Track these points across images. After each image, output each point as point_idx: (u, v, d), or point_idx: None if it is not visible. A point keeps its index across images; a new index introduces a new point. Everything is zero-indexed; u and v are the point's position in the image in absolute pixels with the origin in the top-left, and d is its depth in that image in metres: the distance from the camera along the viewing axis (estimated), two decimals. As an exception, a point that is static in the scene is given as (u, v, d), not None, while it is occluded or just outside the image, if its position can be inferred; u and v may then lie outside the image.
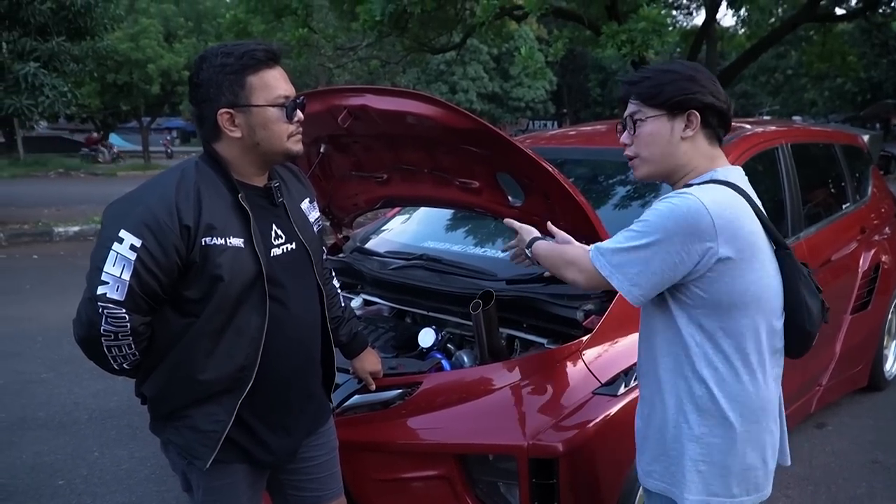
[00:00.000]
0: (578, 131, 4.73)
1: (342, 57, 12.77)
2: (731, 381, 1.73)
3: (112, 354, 1.74)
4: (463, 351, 2.82)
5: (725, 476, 1.76)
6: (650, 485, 1.86)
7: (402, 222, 4.01)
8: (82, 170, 25.48)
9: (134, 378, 1.90)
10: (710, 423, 1.74)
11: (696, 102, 1.73)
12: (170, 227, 1.66)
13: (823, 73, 17.80)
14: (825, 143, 4.58)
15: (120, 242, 1.65)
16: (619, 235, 1.76)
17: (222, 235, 1.73)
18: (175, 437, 1.88)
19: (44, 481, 3.65)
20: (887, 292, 4.52)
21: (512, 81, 36.74)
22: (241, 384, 1.82)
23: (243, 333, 1.80)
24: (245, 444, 1.89)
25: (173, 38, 27.15)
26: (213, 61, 1.75)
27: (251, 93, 1.76)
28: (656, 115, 1.75)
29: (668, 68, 1.78)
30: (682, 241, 1.64)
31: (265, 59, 1.78)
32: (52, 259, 9.66)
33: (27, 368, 5.26)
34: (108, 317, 1.67)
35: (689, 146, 1.77)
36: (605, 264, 1.74)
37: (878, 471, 3.70)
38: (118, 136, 42.71)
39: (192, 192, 1.72)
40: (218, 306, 1.75)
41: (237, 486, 1.93)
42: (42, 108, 10.96)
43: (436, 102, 2.47)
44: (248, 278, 1.77)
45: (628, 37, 6.74)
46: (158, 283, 1.69)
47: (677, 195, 1.69)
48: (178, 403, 1.83)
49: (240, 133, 1.78)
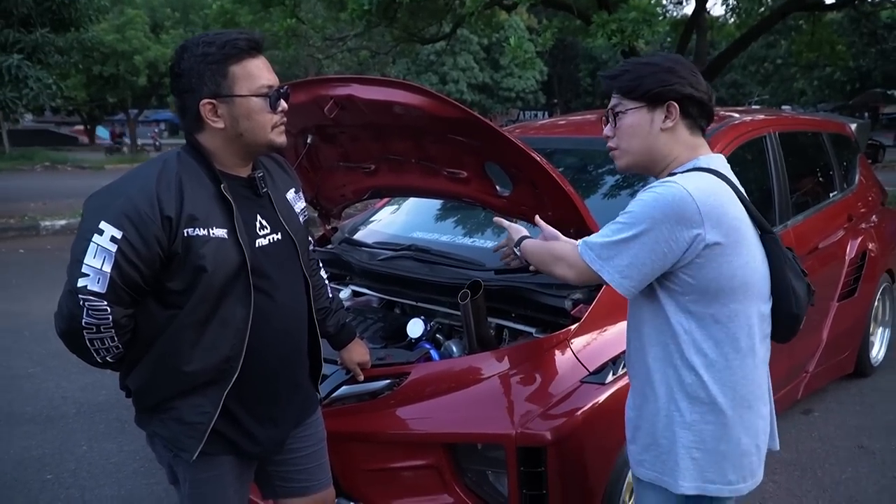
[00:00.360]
0: (567, 121, 4.73)
1: (331, 48, 12.72)
2: (722, 367, 1.74)
3: (95, 347, 1.73)
4: (451, 341, 2.82)
5: (720, 462, 1.76)
6: (641, 473, 1.86)
7: (391, 213, 4.00)
8: (69, 163, 25.29)
9: (118, 371, 1.88)
10: (702, 410, 1.75)
11: (674, 94, 1.74)
12: (151, 218, 1.65)
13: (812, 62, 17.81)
14: (813, 131, 4.59)
15: (100, 234, 1.63)
16: (606, 228, 1.76)
17: (205, 226, 1.71)
18: (161, 429, 1.86)
19: (31, 475, 3.63)
20: (874, 280, 4.55)
21: (502, 72, 36.73)
22: (226, 375, 1.81)
23: (228, 325, 1.78)
24: (231, 435, 1.89)
25: (160, 29, 26.99)
26: (195, 51, 1.73)
27: (234, 83, 1.74)
28: (636, 107, 1.77)
29: (648, 61, 1.79)
30: (670, 230, 1.65)
31: (248, 48, 1.76)
32: (39, 253, 9.60)
33: (14, 363, 5.23)
34: (90, 309, 1.65)
35: (669, 137, 1.78)
36: (595, 258, 1.75)
37: (864, 456, 3.73)
38: (105, 129, 42.48)
39: (174, 183, 1.70)
40: (202, 297, 1.73)
41: (224, 477, 1.92)
42: (26, 100, 10.89)
43: (423, 92, 2.46)
44: (232, 269, 1.75)
45: (618, 26, 6.73)
46: (140, 275, 1.67)
47: (661, 184, 1.70)
48: (163, 395, 1.82)
49: (223, 124, 1.76)
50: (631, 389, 1.94)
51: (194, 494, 1.92)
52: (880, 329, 4.94)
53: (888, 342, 5.00)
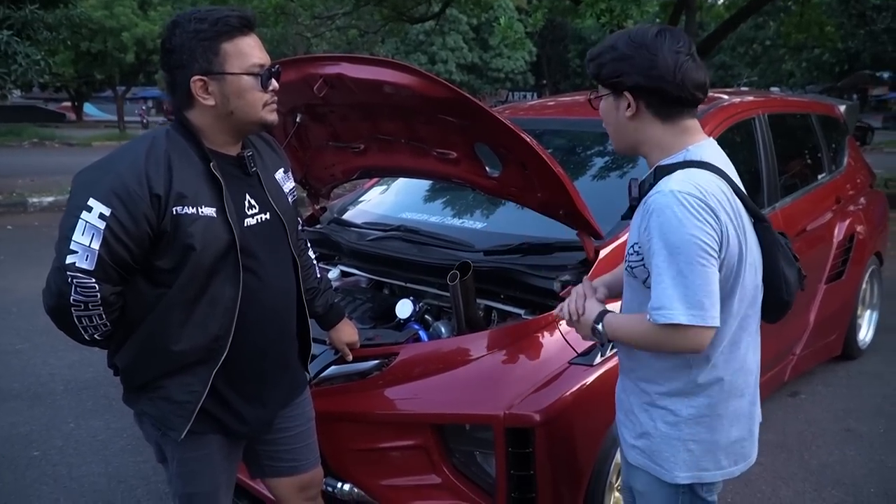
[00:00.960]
0: (557, 102, 4.71)
1: (320, 26, 12.62)
2: (716, 360, 1.72)
3: (83, 325, 1.73)
4: (440, 322, 2.82)
5: (714, 451, 1.76)
6: (633, 458, 1.85)
7: (380, 193, 3.99)
8: (56, 139, 25.05)
9: (106, 349, 1.88)
10: (697, 404, 1.73)
11: (624, 85, 1.69)
12: (140, 196, 1.64)
13: (801, 43, 17.78)
14: (802, 113, 4.60)
15: (89, 211, 1.63)
16: (654, 280, 1.61)
17: (193, 204, 1.71)
18: (149, 408, 1.86)
19: (19, 452, 3.63)
20: (861, 262, 4.58)
21: (491, 52, 36.48)
22: (215, 355, 1.81)
23: (217, 304, 1.78)
24: (219, 414, 1.89)
25: (148, 5, 26.64)
26: (187, 27, 1.71)
27: (225, 60, 1.73)
28: (604, 94, 1.76)
29: (613, 44, 1.71)
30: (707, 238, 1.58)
31: (240, 25, 1.74)
32: (27, 230, 9.53)
33: (1, 340, 5.21)
34: (78, 286, 1.65)
35: (637, 125, 1.72)
36: (669, 314, 1.58)
37: (851, 438, 3.77)
38: (93, 106, 42.06)
39: (163, 161, 1.69)
40: (190, 276, 1.73)
41: (212, 456, 1.93)
42: (15, 76, 10.77)
43: (413, 71, 2.44)
44: (221, 248, 1.75)
45: (608, 6, 6.71)
46: (129, 253, 1.67)
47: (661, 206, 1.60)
48: (151, 374, 1.82)
49: (213, 101, 1.75)
50: (622, 374, 1.92)
51: (182, 473, 1.93)
52: (868, 312, 4.98)
53: (876, 325, 5.05)
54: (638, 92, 1.68)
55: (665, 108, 1.70)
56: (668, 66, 1.64)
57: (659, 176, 1.69)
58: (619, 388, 1.95)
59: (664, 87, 1.66)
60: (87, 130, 29.91)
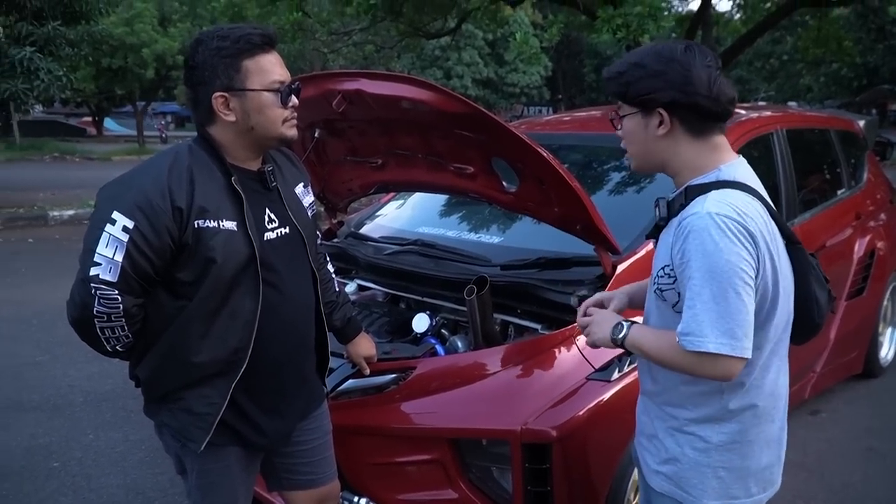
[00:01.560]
0: (573, 117, 4.72)
1: (337, 42, 12.73)
2: (748, 386, 1.67)
3: (105, 336, 1.75)
4: (457, 336, 2.82)
5: (745, 478, 1.72)
6: (656, 484, 1.80)
7: (397, 207, 4.00)
8: (77, 154, 25.38)
9: (128, 360, 1.90)
10: (728, 430, 1.69)
11: (658, 102, 1.62)
12: (162, 209, 1.67)
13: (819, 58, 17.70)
14: (821, 128, 4.57)
15: (112, 224, 1.66)
16: (685, 305, 1.56)
17: (215, 218, 1.73)
18: (169, 419, 1.88)
19: (38, 463, 3.65)
20: (882, 279, 4.52)
21: (507, 67, 36.64)
22: (234, 367, 1.83)
23: (237, 316, 1.80)
24: (238, 426, 1.90)
25: (168, 22, 27.03)
26: (210, 44, 1.75)
27: (246, 77, 1.76)
28: (631, 112, 1.68)
29: (639, 61, 1.65)
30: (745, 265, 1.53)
31: (261, 43, 1.78)
32: (47, 243, 9.63)
33: (22, 351, 5.26)
34: (101, 298, 1.67)
35: (669, 143, 1.67)
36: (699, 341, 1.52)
37: (873, 458, 3.71)
38: (113, 121, 42.57)
39: (185, 175, 1.72)
40: (211, 289, 1.75)
41: (231, 468, 1.94)
42: (37, 91, 10.93)
43: (430, 87, 2.45)
44: (242, 261, 1.78)
45: (624, 21, 6.72)
46: (151, 265, 1.70)
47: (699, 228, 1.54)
48: (171, 386, 1.84)
49: (234, 117, 1.78)
50: (644, 396, 1.87)
51: (202, 484, 1.94)
52: (889, 329, 4.91)
53: (897, 342, 4.97)
54: (672, 108, 1.62)
55: (699, 124, 1.65)
56: (703, 80, 1.60)
57: (691, 196, 1.64)
58: (639, 411, 1.90)
59: (700, 103, 1.61)
60: (108, 145, 30.33)
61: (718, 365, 1.53)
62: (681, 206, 1.65)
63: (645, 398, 1.87)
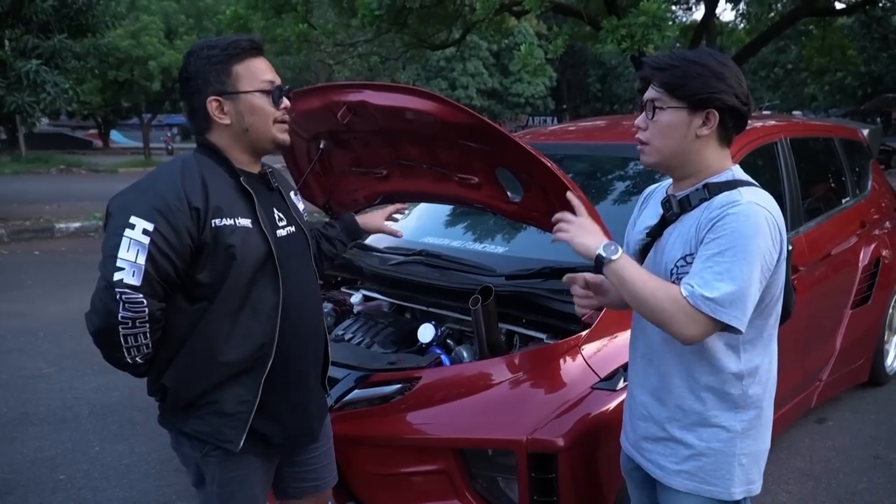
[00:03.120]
0: (577, 127, 4.73)
1: (342, 53, 12.80)
2: (763, 373, 1.78)
3: (128, 345, 1.75)
4: (462, 346, 2.82)
5: (759, 462, 1.81)
6: (679, 484, 1.81)
7: (402, 218, 4.01)
8: (83, 166, 25.50)
9: (141, 376, 1.89)
10: (748, 417, 1.77)
11: (718, 103, 1.67)
12: (180, 210, 1.72)
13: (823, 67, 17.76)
14: (825, 137, 4.57)
15: (132, 228, 1.69)
16: (709, 272, 1.60)
17: (231, 216, 1.79)
18: (199, 425, 1.88)
19: (45, 476, 3.66)
20: (888, 287, 4.51)
21: (511, 77, 36.70)
22: (261, 363, 1.87)
23: (259, 312, 1.84)
24: (264, 429, 1.92)
25: (174, 35, 27.17)
26: (200, 54, 1.83)
27: (237, 80, 1.84)
28: (677, 106, 1.69)
29: (698, 60, 1.68)
30: (769, 255, 1.63)
31: (249, 48, 1.86)
32: (54, 255, 9.67)
33: (28, 364, 5.27)
34: (126, 303, 1.69)
35: (701, 144, 1.72)
36: (717, 308, 1.58)
37: (880, 466, 3.70)
38: (119, 133, 42.78)
39: (197, 178, 1.78)
40: (232, 287, 1.79)
41: (251, 477, 1.96)
42: (44, 104, 10.99)
43: (434, 98, 2.47)
44: (259, 257, 1.83)
45: (628, 32, 6.74)
46: (173, 267, 1.73)
47: (746, 209, 1.62)
48: (202, 389, 1.85)
49: (229, 120, 1.85)
50: (649, 398, 1.88)
51: (223, 493, 1.95)
52: (895, 337, 4.91)
53: (903, 351, 4.95)
54: (725, 112, 1.69)
55: (732, 131, 1.74)
56: (746, 92, 1.70)
57: (713, 192, 1.71)
58: (637, 417, 1.92)
59: (744, 113, 1.71)
60: (114, 157, 30.48)
61: (703, 327, 1.60)
62: (700, 201, 1.72)
63: (646, 401, 1.89)
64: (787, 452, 3.73)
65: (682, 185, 1.80)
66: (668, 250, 1.77)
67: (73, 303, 6.72)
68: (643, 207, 2.03)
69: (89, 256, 9.41)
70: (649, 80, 1.74)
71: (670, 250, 1.76)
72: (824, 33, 12.43)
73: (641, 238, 1.90)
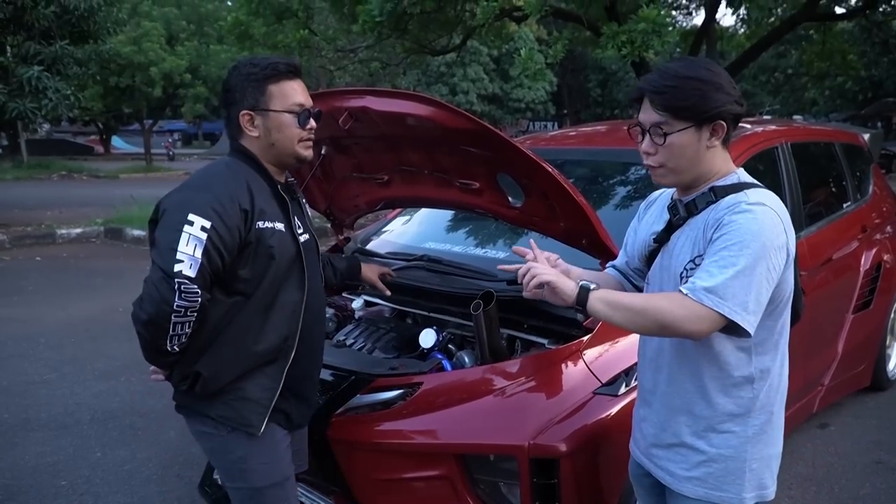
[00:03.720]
0: (578, 132, 4.73)
1: (342, 59, 12.79)
2: (774, 376, 1.78)
3: (175, 332, 1.87)
4: (464, 351, 2.82)
5: (770, 466, 1.81)
6: (689, 491, 1.81)
7: (403, 223, 4.02)
8: (84, 172, 25.54)
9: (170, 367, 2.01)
10: (759, 422, 1.77)
11: (727, 114, 1.69)
12: (233, 210, 1.90)
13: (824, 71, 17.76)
14: (825, 141, 4.58)
15: (191, 225, 1.85)
16: (713, 266, 1.61)
17: (271, 220, 1.99)
18: (224, 410, 2.03)
19: (46, 482, 3.66)
20: (889, 291, 4.51)
21: (512, 83, 36.74)
22: (285, 354, 2.06)
23: (286, 307, 2.04)
24: (284, 408, 2.12)
25: (175, 41, 27.21)
26: (242, 70, 2.03)
27: (270, 99, 2.02)
28: (685, 126, 1.69)
29: (692, 74, 1.68)
30: (776, 255, 1.63)
31: (286, 71, 2.04)
32: (55, 261, 9.68)
33: (30, 370, 5.28)
34: (183, 292, 1.83)
35: (713, 153, 1.73)
36: (719, 301, 1.58)
37: (882, 471, 3.69)
38: (120, 139, 42.83)
39: (243, 182, 1.97)
40: (269, 283, 1.99)
41: (277, 447, 2.13)
42: (45, 110, 11.05)
43: (435, 104, 2.48)
44: (291, 257, 2.03)
45: (628, 37, 6.73)
46: (222, 261, 1.90)
47: (755, 208, 1.64)
48: (233, 376, 2.00)
49: (257, 133, 2.04)
50: (657, 405, 1.89)
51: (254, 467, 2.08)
52: (897, 342, 4.90)
53: (904, 355, 4.95)
54: (730, 120, 1.71)
55: (732, 134, 1.76)
56: (739, 92, 1.73)
57: (720, 195, 1.72)
58: (647, 423, 1.93)
59: (742, 114, 1.74)
60: (115, 163, 30.52)
61: (707, 323, 1.59)
62: (706, 205, 1.73)
63: (656, 408, 1.89)
64: (790, 458, 3.72)
65: (689, 191, 1.80)
66: (677, 254, 1.77)
67: (74, 309, 6.76)
68: (643, 216, 2.04)
69: (90, 262, 9.43)
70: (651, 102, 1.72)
71: (679, 254, 1.77)
72: (824, 38, 12.44)
73: (649, 244, 1.90)
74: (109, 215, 12.28)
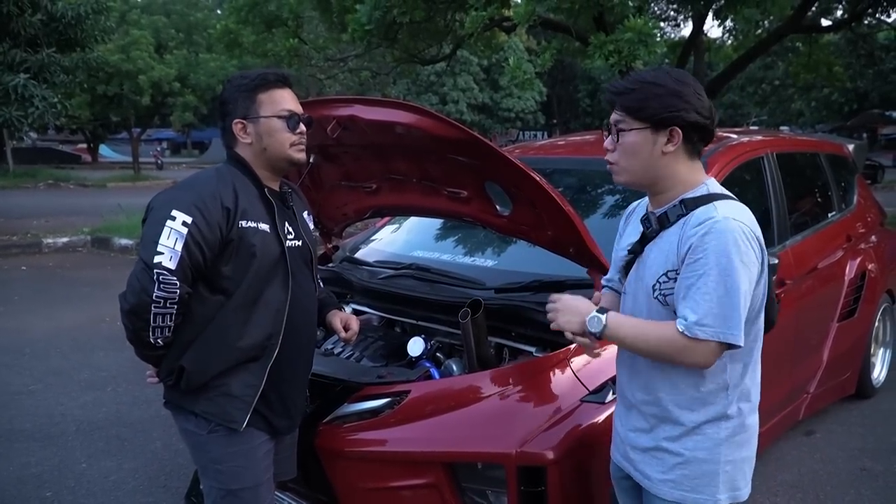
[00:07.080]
0: (567, 141, 4.76)
1: (332, 68, 12.80)
2: (748, 381, 1.82)
3: (155, 324, 1.95)
4: (452, 359, 2.83)
5: (743, 468, 1.84)
6: (665, 493, 1.84)
7: (392, 232, 4.02)
8: (71, 181, 25.40)
9: (157, 362, 2.09)
10: (732, 425, 1.80)
11: (679, 120, 1.72)
12: (215, 208, 1.98)
13: (810, 83, 17.96)
14: (811, 152, 4.62)
15: (173, 220, 1.94)
16: (698, 294, 1.65)
17: (254, 220, 2.05)
18: (207, 406, 2.08)
19: (31, 493, 3.63)
20: (873, 300, 4.55)
21: (502, 92, 36.88)
22: (269, 351, 2.10)
23: (270, 306, 2.09)
24: (264, 411, 2.14)
25: (164, 49, 27.17)
26: (234, 83, 2.14)
27: (260, 107, 2.11)
28: (640, 127, 1.75)
29: (655, 80, 1.74)
30: (750, 269, 1.68)
31: (275, 80, 2.14)
32: (41, 271, 9.61)
33: (14, 380, 5.23)
34: (161, 283, 1.91)
35: (669, 160, 1.77)
36: (718, 332, 1.64)
37: (866, 478, 3.71)
38: (108, 147, 42.63)
39: (230, 183, 2.06)
40: (251, 281, 2.04)
41: (255, 451, 2.15)
42: (31, 119, 10.97)
43: (423, 112, 2.49)
44: (274, 258, 2.09)
45: (616, 47, 6.78)
46: (202, 256, 1.97)
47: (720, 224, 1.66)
48: (216, 371, 2.06)
49: (250, 140, 2.13)
50: (631, 411, 1.93)
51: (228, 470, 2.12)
52: (881, 350, 4.94)
53: (889, 363, 4.99)
54: (687, 128, 1.73)
55: (698, 145, 1.79)
56: (707, 105, 1.76)
57: (689, 207, 1.75)
58: (626, 428, 1.96)
59: (707, 126, 1.76)
60: (102, 172, 30.38)
61: (710, 353, 1.67)
62: (677, 217, 1.76)
63: (633, 413, 1.92)
64: (775, 465, 3.74)
65: (660, 201, 1.84)
66: (650, 266, 1.81)
67: (60, 319, 6.70)
68: (623, 230, 2.07)
69: (77, 272, 9.37)
70: (613, 103, 1.80)
71: (651, 265, 1.81)
72: (811, 50, 12.55)
73: (624, 255, 1.94)
74: (96, 224, 12.21)
